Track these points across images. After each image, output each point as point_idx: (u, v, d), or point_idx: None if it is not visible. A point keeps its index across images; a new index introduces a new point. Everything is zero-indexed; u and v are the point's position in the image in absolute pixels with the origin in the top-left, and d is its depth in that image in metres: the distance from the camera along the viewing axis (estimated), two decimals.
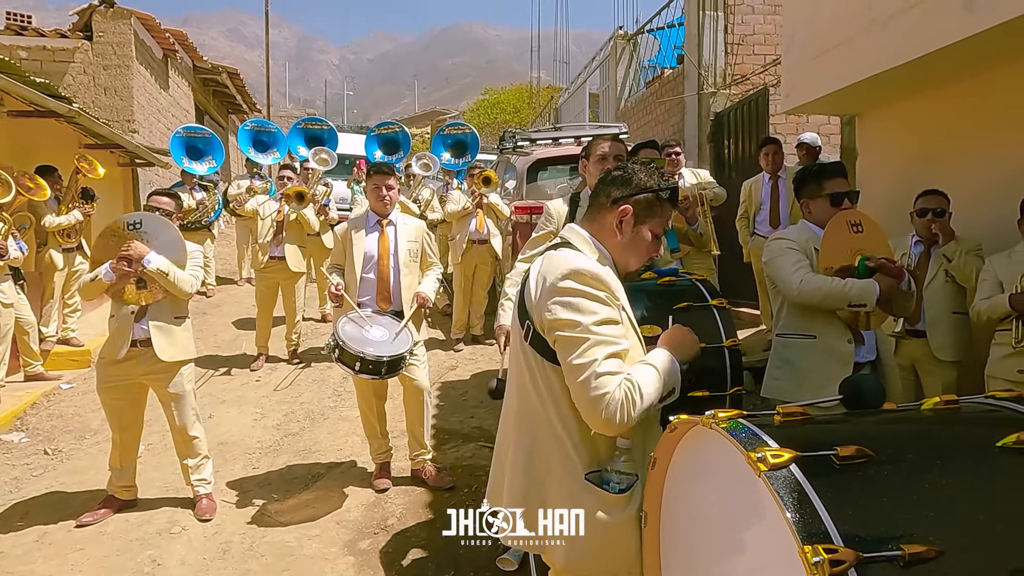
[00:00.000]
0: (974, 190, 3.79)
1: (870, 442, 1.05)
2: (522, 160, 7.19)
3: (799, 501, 0.95)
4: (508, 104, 30.41)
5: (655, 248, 1.71)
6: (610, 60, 12.49)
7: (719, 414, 1.16)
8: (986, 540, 0.94)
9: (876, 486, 0.99)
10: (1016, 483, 1.03)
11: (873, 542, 0.90)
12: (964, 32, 3.32)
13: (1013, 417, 1.14)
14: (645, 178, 1.68)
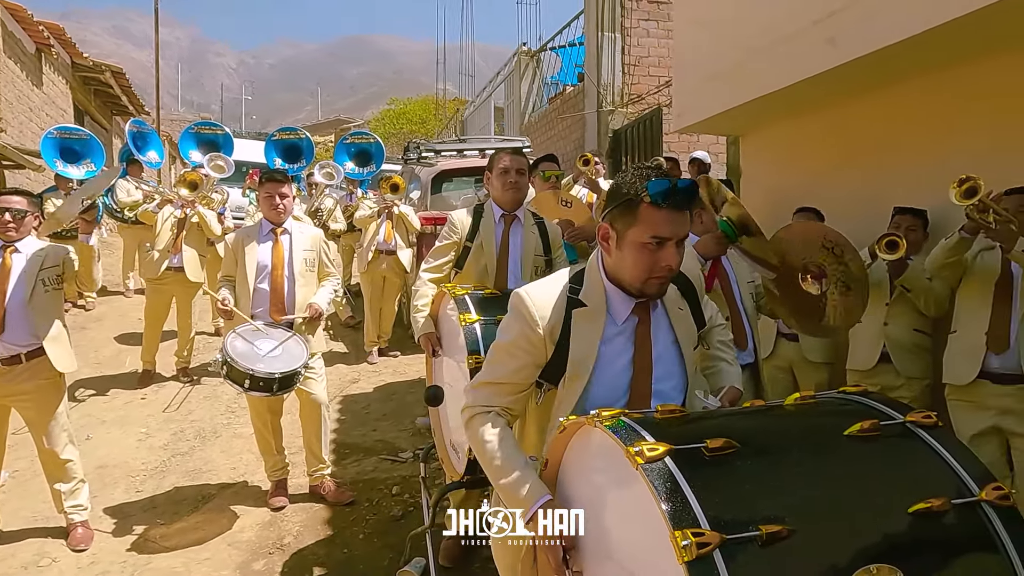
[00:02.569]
0: (842, 207, 4.14)
1: (737, 435, 1.14)
2: (426, 171, 7.20)
3: (671, 491, 1.02)
4: (414, 115, 30.29)
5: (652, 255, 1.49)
6: (514, 75, 12.74)
7: (603, 413, 1.22)
8: (832, 518, 1.05)
9: (740, 474, 1.08)
10: (859, 466, 1.15)
11: (736, 525, 0.98)
12: (828, 64, 3.65)
13: (859, 409, 1.27)
14: (620, 186, 1.55)
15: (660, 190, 1.44)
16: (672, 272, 1.52)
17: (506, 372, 1.60)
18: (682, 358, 1.61)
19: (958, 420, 3.11)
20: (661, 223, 1.46)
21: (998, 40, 3.19)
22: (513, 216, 3.15)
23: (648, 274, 1.51)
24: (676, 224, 1.48)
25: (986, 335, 2.96)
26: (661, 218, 1.46)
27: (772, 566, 0.97)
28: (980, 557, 1.05)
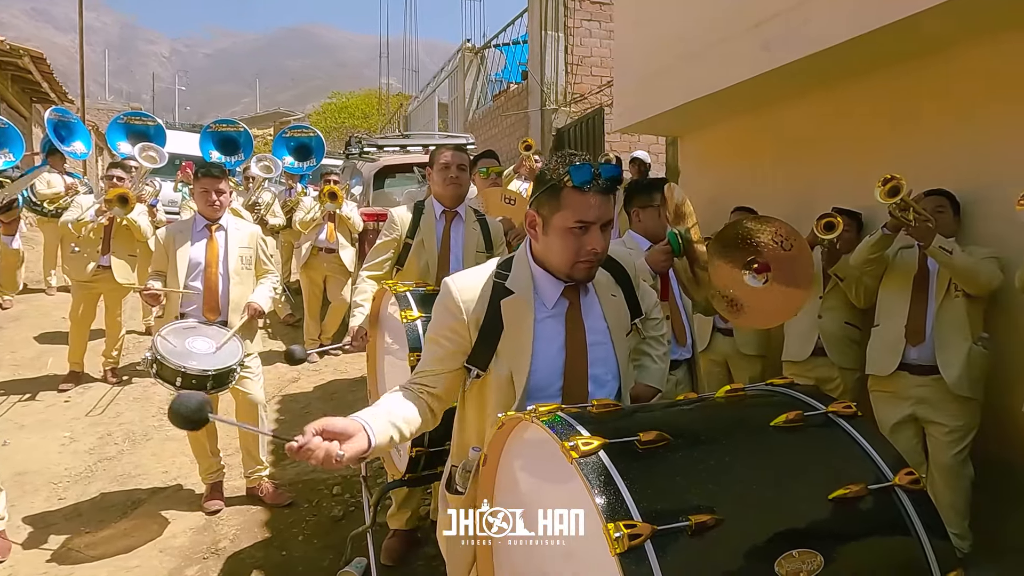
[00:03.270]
0: (777, 207, 4.29)
1: (669, 427, 1.17)
2: (369, 166, 7.10)
3: (605, 483, 1.04)
4: (357, 109, 29.81)
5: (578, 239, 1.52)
6: (458, 72, 12.69)
7: (540, 408, 1.24)
8: (759, 506, 1.09)
9: (672, 466, 1.11)
10: (784, 456, 1.20)
11: (667, 516, 1.01)
12: (762, 68, 3.79)
13: (785, 401, 1.33)
14: (544, 173, 1.56)
15: (583, 175, 1.48)
16: (598, 256, 1.55)
17: (432, 359, 1.62)
18: (615, 344, 1.64)
19: (879, 410, 3.27)
20: (585, 207, 1.49)
21: (917, 48, 3.37)
22: (454, 212, 3.14)
23: (575, 258, 1.54)
24: (600, 208, 1.50)
25: (905, 328, 3.13)
26: (585, 202, 1.49)
27: (701, 555, 1.00)
28: (893, 538, 1.11)
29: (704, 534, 1.00)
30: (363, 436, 1.42)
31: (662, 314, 1.99)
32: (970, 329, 2.99)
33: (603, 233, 1.53)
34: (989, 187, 3.19)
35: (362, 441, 1.41)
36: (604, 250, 1.55)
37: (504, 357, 1.56)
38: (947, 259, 2.89)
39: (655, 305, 1.98)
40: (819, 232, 3.35)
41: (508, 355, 1.56)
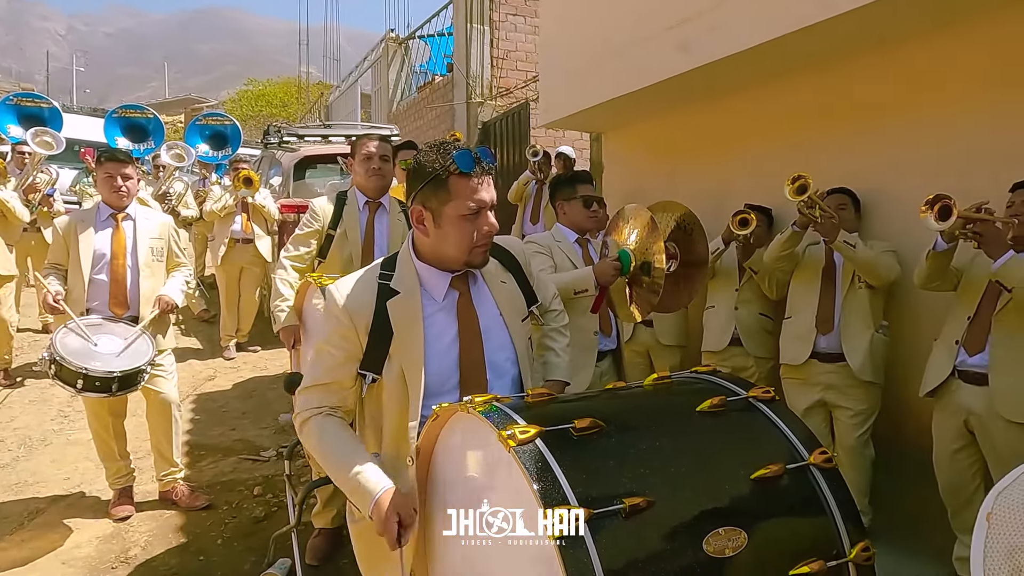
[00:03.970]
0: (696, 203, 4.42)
1: (602, 415, 1.20)
2: (289, 156, 6.88)
3: (542, 471, 1.05)
4: (275, 97, 28.75)
5: (473, 224, 1.53)
6: (382, 62, 12.45)
7: (475, 399, 1.24)
8: (687, 488, 1.14)
9: (605, 452, 1.14)
10: (709, 439, 1.26)
11: (601, 500, 1.04)
12: (680, 68, 3.90)
13: (709, 387, 1.38)
14: (423, 166, 1.54)
15: (467, 160, 1.49)
16: (492, 237, 1.57)
17: (327, 370, 1.58)
18: (510, 330, 1.65)
19: (791, 396, 3.46)
20: (475, 192, 1.51)
21: (823, 53, 3.56)
22: (378, 203, 3.10)
23: (472, 244, 1.55)
24: (488, 190, 1.54)
25: (816, 319, 3.32)
26: (473, 187, 1.51)
27: (634, 536, 1.03)
28: (808, 512, 1.19)
29: (637, 516, 1.03)
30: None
31: (561, 305, 2.02)
32: (872, 318, 3.20)
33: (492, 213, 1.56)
34: (888, 185, 3.42)
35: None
36: (496, 229, 1.57)
37: (397, 358, 1.54)
38: (851, 253, 3.08)
39: (554, 296, 2.02)
40: (734, 228, 3.50)
41: (400, 356, 1.54)
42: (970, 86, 3.07)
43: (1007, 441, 2.54)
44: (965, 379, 2.68)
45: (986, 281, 2.62)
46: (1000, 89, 2.96)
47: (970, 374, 2.66)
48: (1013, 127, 2.90)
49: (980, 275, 2.66)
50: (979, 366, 2.63)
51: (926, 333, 3.21)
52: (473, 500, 1.31)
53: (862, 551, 1.15)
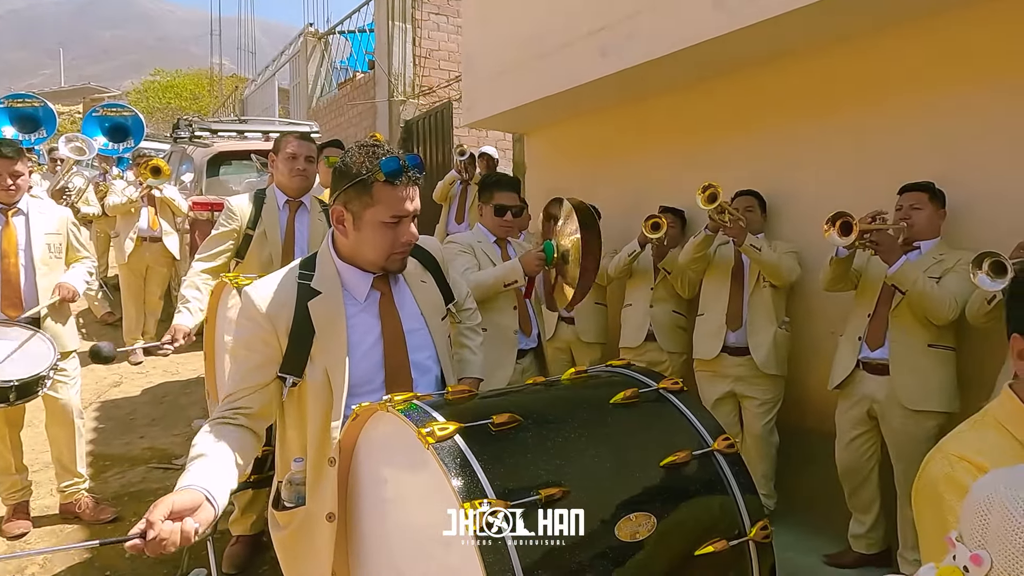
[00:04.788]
0: (615, 205, 4.58)
1: (520, 410, 1.24)
2: (201, 152, 6.60)
3: (461, 466, 1.08)
4: (185, 89, 27.41)
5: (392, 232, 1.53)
6: (300, 56, 12.12)
7: (395, 398, 1.25)
8: (600, 476, 1.19)
9: (523, 445, 1.18)
10: (622, 429, 1.32)
11: (519, 492, 1.08)
12: (599, 73, 4.02)
13: (623, 380, 1.45)
14: (349, 166, 1.52)
15: (393, 168, 1.47)
16: (411, 247, 1.58)
17: (243, 375, 1.54)
18: (430, 329, 1.67)
19: (703, 388, 3.64)
20: (397, 201, 1.50)
21: (732, 64, 3.76)
22: (298, 202, 3.04)
23: (390, 251, 1.55)
24: (413, 200, 1.53)
25: (726, 315, 3.50)
26: (397, 196, 1.50)
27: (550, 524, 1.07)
28: (713, 495, 1.27)
29: (552, 505, 1.08)
30: (207, 506, 1.30)
31: (475, 304, 2.07)
32: (775, 315, 3.41)
33: (414, 223, 1.56)
34: (792, 187, 3.65)
35: (208, 511, 1.29)
36: (416, 239, 1.58)
37: (319, 359, 1.52)
38: (756, 255, 3.28)
39: (467, 295, 2.06)
40: (647, 232, 3.65)
41: (323, 356, 1.52)
42: (865, 95, 3.31)
43: (904, 426, 2.78)
44: (868, 370, 2.91)
45: (882, 282, 2.85)
46: (893, 97, 3.21)
47: (872, 365, 2.89)
48: (905, 132, 3.16)
49: (877, 276, 2.90)
50: (880, 358, 2.86)
51: (824, 328, 3.45)
52: (395, 498, 1.32)
53: (761, 529, 1.24)
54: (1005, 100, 2.82)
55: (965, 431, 1.20)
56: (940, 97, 3.03)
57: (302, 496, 1.54)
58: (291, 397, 1.57)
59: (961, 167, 2.96)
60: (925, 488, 1.14)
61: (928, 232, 2.87)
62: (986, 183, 2.89)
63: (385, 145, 1.56)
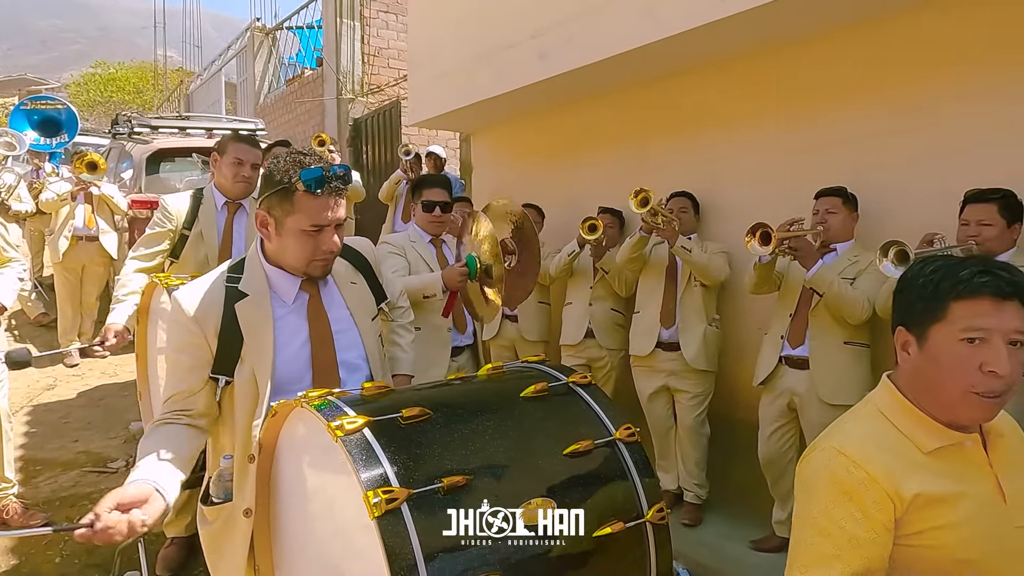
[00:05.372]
0: (558, 205, 4.67)
1: (431, 403, 1.30)
2: (140, 148, 6.45)
3: (367, 457, 1.13)
4: (128, 82, 26.50)
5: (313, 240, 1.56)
6: (247, 51, 11.90)
7: (310, 394, 1.30)
8: (504, 465, 1.26)
9: (430, 437, 1.24)
10: (530, 421, 1.39)
11: (422, 480, 1.14)
12: (541, 75, 4.10)
13: (536, 375, 1.53)
14: (273, 173, 1.55)
15: (315, 179, 1.49)
16: (334, 254, 1.61)
17: (179, 378, 1.58)
18: (359, 329, 1.71)
19: (639, 382, 3.77)
20: (318, 211, 1.53)
21: (662, 70, 3.89)
22: (238, 204, 3.03)
23: (311, 258, 1.58)
24: (333, 210, 1.55)
25: (660, 313, 3.63)
26: (318, 206, 1.52)
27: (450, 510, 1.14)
28: (613, 481, 1.35)
29: (455, 493, 1.14)
30: (157, 497, 1.33)
31: (408, 303, 2.13)
32: (705, 313, 3.55)
33: (337, 231, 1.58)
34: (723, 189, 3.80)
35: (158, 502, 1.33)
36: (339, 249, 1.61)
37: (248, 360, 1.56)
38: (687, 256, 3.41)
39: (401, 294, 2.11)
40: (584, 234, 3.75)
41: (251, 357, 1.56)
42: (790, 101, 3.48)
43: (821, 418, 2.93)
44: (790, 365, 3.07)
45: (802, 285, 3.01)
46: (815, 104, 3.37)
47: (793, 360, 3.06)
48: (821, 138, 3.33)
49: (797, 279, 3.06)
50: (801, 355, 3.03)
51: (752, 325, 3.61)
52: (312, 492, 1.37)
53: (657, 512, 1.33)
54: (912, 107, 3.01)
55: (848, 421, 1.27)
56: (856, 104, 3.20)
57: (230, 492, 1.57)
58: (224, 396, 1.61)
59: (873, 171, 3.14)
60: (804, 473, 1.23)
61: (843, 235, 3.05)
62: (895, 186, 3.08)
63: (311, 156, 1.57)
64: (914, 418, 1.17)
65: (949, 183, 2.81)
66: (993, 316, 1.10)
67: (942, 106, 2.92)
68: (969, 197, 2.64)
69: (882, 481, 1.10)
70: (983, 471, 1.18)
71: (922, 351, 1.15)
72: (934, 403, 1.16)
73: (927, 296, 1.14)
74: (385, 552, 1.03)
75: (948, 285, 1.12)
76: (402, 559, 1.04)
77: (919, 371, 1.17)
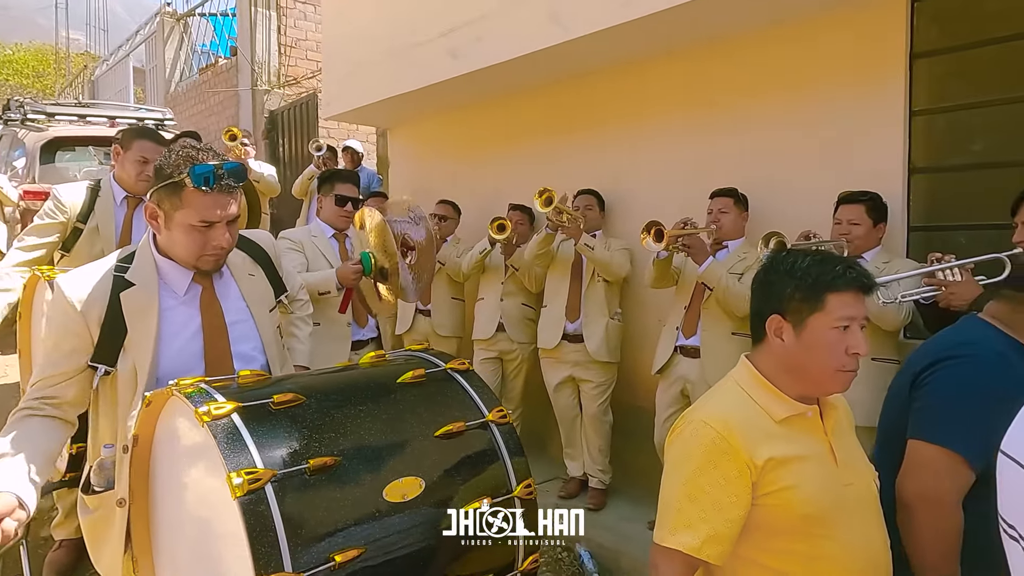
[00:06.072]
0: (473, 201, 4.73)
1: (306, 390, 1.34)
2: (35, 136, 6.09)
3: (233, 441, 1.16)
4: (26, 65, 24.77)
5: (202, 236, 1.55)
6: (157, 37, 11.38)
7: (181, 382, 1.31)
8: (374, 447, 1.31)
9: (300, 421, 1.27)
10: (404, 406, 1.44)
11: (289, 462, 1.17)
12: (452, 73, 4.16)
13: (416, 362, 1.58)
14: (163, 167, 1.54)
15: (204, 176, 1.49)
16: (225, 250, 1.62)
17: (52, 363, 1.56)
18: (256, 321, 1.73)
19: (547, 373, 3.90)
20: (207, 208, 1.53)
21: (569, 71, 4.02)
22: (139, 199, 2.93)
23: (200, 253, 1.58)
24: (223, 207, 1.55)
25: (565, 308, 3.76)
26: (207, 203, 1.52)
27: (318, 491, 1.18)
28: (484, 460, 1.42)
29: (322, 473, 1.19)
30: (19, 509, 1.31)
31: (307, 296, 2.15)
32: (607, 307, 3.71)
33: (229, 228, 1.58)
34: (628, 188, 3.96)
35: (21, 512, 1.31)
36: (231, 245, 1.61)
37: (131, 350, 1.55)
38: (589, 254, 3.56)
39: (301, 287, 2.14)
40: (493, 233, 3.85)
41: (133, 347, 1.55)
42: (691, 103, 3.67)
43: None
44: (684, 354, 3.26)
45: (695, 279, 3.20)
46: (708, 108, 3.57)
47: (687, 349, 3.25)
48: (717, 140, 3.53)
49: (692, 274, 3.25)
50: (693, 344, 3.23)
51: (653, 318, 3.79)
52: (187, 479, 1.38)
53: (525, 488, 1.41)
54: (792, 114, 3.25)
55: (713, 396, 1.44)
56: (747, 109, 3.42)
57: (111, 480, 1.56)
58: (103, 386, 1.59)
59: (761, 172, 3.36)
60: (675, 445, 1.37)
61: (734, 232, 3.26)
62: (780, 187, 3.31)
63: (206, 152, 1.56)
64: (769, 392, 1.34)
65: (824, 184, 3.05)
66: (857, 306, 1.28)
67: (817, 113, 3.16)
68: (841, 198, 2.88)
69: (741, 450, 1.25)
70: (820, 437, 1.35)
71: (799, 337, 1.30)
72: (799, 381, 1.32)
73: (805, 288, 1.29)
74: (247, 531, 1.07)
75: (826, 280, 1.28)
76: (264, 538, 1.08)
77: (791, 354, 1.32)
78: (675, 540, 1.25)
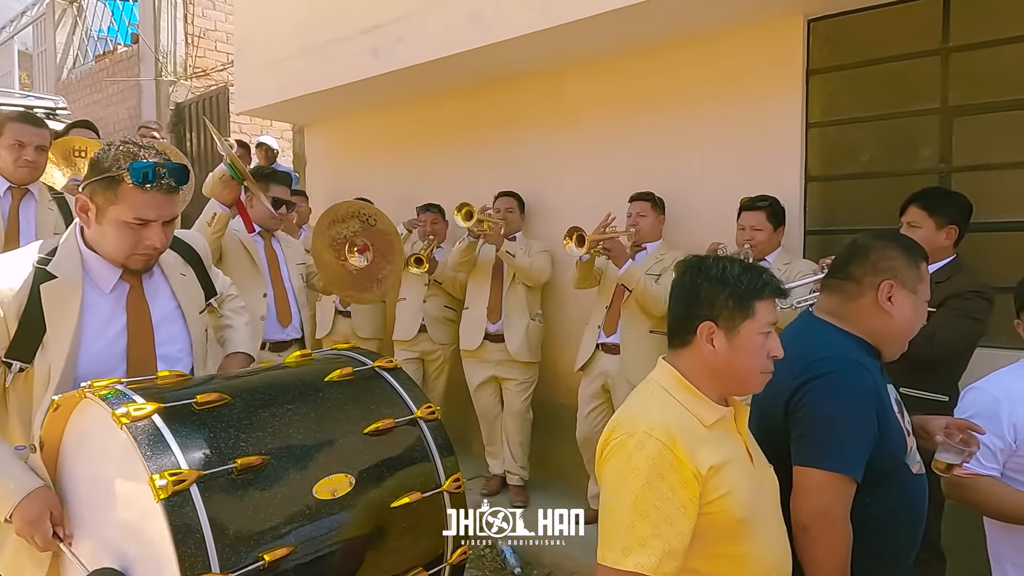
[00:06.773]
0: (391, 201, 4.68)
1: (231, 390, 1.31)
2: None
3: (155, 443, 1.13)
4: None
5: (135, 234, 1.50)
6: (47, 19, 10.59)
7: (95, 383, 1.25)
8: (302, 445, 1.31)
9: (226, 421, 1.25)
10: (332, 404, 1.44)
11: (214, 462, 1.15)
12: (372, 71, 4.12)
13: (344, 360, 1.58)
14: (101, 160, 1.49)
15: (144, 174, 1.46)
16: (158, 250, 1.57)
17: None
18: (186, 321, 1.68)
19: (469, 373, 3.93)
20: (144, 205, 1.48)
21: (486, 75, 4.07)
22: (24, 190, 2.76)
23: (131, 251, 1.53)
24: (161, 206, 1.51)
25: (487, 309, 3.81)
26: (145, 200, 1.48)
27: (245, 490, 1.17)
28: (413, 456, 1.44)
29: (250, 473, 1.17)
30: None
31: (236, 291, 2.10)
32: (528, 309, 3.79)
33: (164, 228, 1.54)
34: (548, 191, 4.06)
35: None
36: (164, 245, 1.57)
37: (49, 347, 1.48)
38: (511, 261, 3.64)
39: (230, 284, 2.09)
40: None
41: (55, 344, 1.48)
42: (608, 110, 3.79)
43: None
44: (605, 351, 3.38)
45: (616, 280, 3.32)
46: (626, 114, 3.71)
47: (608, 346, 3.37)
48: (636, 145, 3.68)
49: (613, 275, 3.36)
50: (614, 342, 3.35)
51: (574, 317, 3.90)
52: (101, 486, 1.33)
53: (454, 482, 1.44)
54: (702, 122, 3.43)
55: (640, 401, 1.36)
56: (663, 116, 3.58)
57: None
58: (16, 382, 1.50)
59: (676, 177, 3.53)
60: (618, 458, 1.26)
61: (652, 235, 3.41)
62: (694, 191, 3.48)
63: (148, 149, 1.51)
64: (694, 396, 1.33)
65: (729, 189, 3.24)
66: (775, 312, 1.33)
67: (723, 124, 3.36)
68: (744, 205, 3.07)
69: (687, 460, 1.23)
70: (737, 439, 1.38)
71: (730, 343, 1.30)
72: (723, 383, 1.34)
73: (738, 296, 1.30)
74: (172, 533, 1.04)
75: (755, 288, 1.31)
76: (190, 539, 1.06)
77: (721, 359, 1.31)
78: (631, 562, 1.17)
